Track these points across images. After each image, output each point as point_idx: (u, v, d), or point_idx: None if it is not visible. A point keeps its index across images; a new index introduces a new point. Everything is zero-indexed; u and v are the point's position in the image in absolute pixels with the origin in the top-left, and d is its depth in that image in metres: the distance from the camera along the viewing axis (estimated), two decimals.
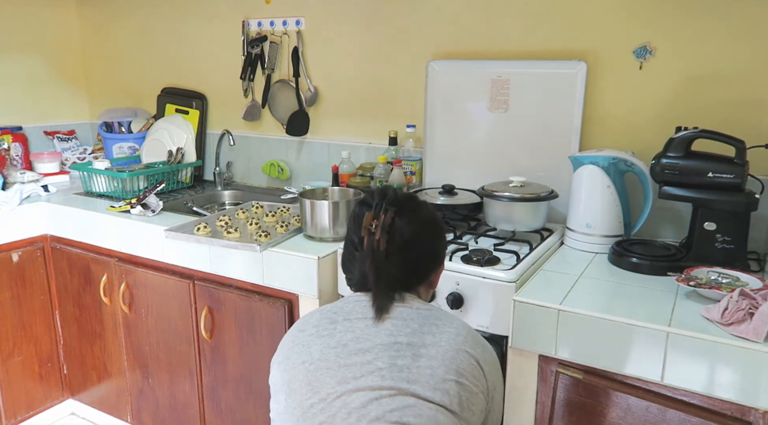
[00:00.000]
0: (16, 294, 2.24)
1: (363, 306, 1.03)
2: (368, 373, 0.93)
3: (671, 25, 1.66)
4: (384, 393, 0.91)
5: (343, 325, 1.01)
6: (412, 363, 0.94)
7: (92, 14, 2.93)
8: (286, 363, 1.01)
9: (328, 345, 0.98)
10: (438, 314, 1.04)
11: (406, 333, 0.98)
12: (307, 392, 0.95)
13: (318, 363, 0.97)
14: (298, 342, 1.02)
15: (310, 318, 1.06)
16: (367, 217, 1.02)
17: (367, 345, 0.96)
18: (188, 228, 1.85)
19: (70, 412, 2.49)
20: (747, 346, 1.09)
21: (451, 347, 0.97)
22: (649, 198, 1.62)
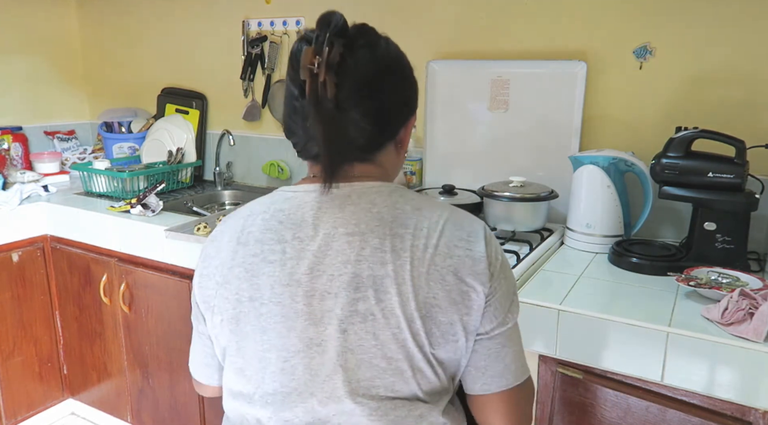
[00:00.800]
0: (16, 294, 2.24)
1: (312, 211, 0.81)
2: (330, 327, 0.77)
3: (671, 25, 1.66)
4: (349, 358, 0.77)
5: (292, 247, 0.79)
6: (376, 306, 0.76)
7: (92, 14, 2.93)
8: (228, 288, 0.82)
9: (279, 281, 0.79)
10: (404, 212, 0.81)
11: (365, 255, 0.77)
12: (261, 341, 0.80)
13: (270, 307, 0.79)
14: (239, 263, 0.82)
15: (251, 222, 0.83)
16: (306, 53, 0.77)
17: (323, 284, 0.77)
18: (188, 228, 1.86)
19: (70, 412, 2.50)
20: (747, 346, 1.09)
21: (420, 269, 0.77)
22: (649, 198, 1.62)
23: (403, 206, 0.82)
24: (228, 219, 0.89)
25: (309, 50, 0.77)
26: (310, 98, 0.77)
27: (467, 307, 0.79)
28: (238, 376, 0.83)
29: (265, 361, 0.80)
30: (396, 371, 0.77)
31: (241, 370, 0.82)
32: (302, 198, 0.83)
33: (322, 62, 0.76)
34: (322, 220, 0.80)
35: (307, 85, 0.77)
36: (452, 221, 0.82)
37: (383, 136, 0.86)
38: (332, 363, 0.77)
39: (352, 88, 0.79)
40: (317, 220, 0.80)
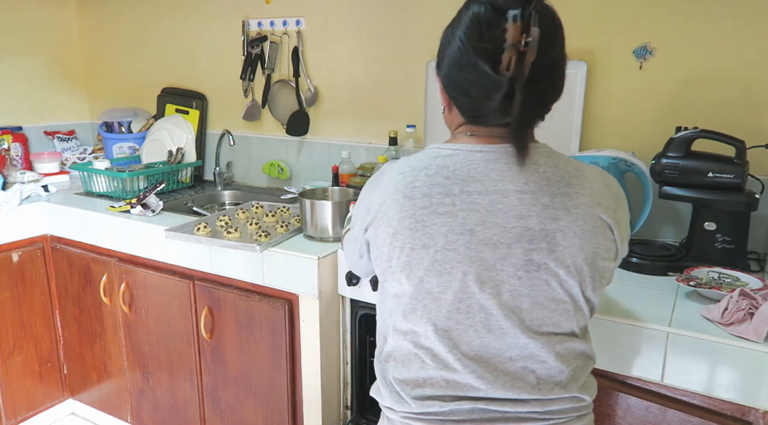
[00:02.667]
0: (16, 294, 2.24)
1: (479, 168, 0.87)
2: (503, 272, 0.85)
3: (671, 25, 1.66)
4: (524, 301, 0.86)
5: (461, 200, 0.86)
6: (548, 256, 0.85)
7: (92, 14, 2.94)
8: (400, 239, 0.88)
9: (452, 230, 0.85)
10: (567, 172, 0.89)
11: (537, 212, 0.85)
12: (438, 285, 0.87)
13: (444, 253, 0.85)
14: (409, 215, 0.87)
15: (412, 179, 0.89)
16: (514, 30, 0.79)
17: (496, 234, 0.85)
18: (188, 228, 1.85)
19: (70, 412, 2.50)
20: (747, 346, 1.09)
21: (588, 224, 0.86)
22: (649, 198, 1.62)
23: (565, 167, 0.90)
24: (384, 175, 0.94)
25: (517, 27, 0.79)
26: (516, 75, 0.80)
27: (616, 257, 0.92)
28: (411, 316, 0.90)
29: (441, 301, 0.87)
30: (563, 312, 0.88)
31: (414, 310, 0.90)
32: (466, 156, 0.89)
33: (532, 43, 0.79)
34: (491, 177, 0.87)
35: (512, 61, 0.80)
36: (607, 183, 0.92)
37: (544, 112, 0.92)
38: (508, 304, 0.86)
39: (545, 66, 0.84)
40: (486, 177, 0.87)
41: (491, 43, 0.81)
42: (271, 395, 1.81)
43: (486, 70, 0.82)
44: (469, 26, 0.85)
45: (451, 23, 0.91)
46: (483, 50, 0.83)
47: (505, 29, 0.80)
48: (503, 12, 0.81)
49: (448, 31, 0.91)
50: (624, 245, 0.93)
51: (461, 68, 0.86)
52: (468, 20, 0.85)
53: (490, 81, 0.83)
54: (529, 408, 0.89)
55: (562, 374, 0.90)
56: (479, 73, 0.84)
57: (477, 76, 0.84)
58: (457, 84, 0.88)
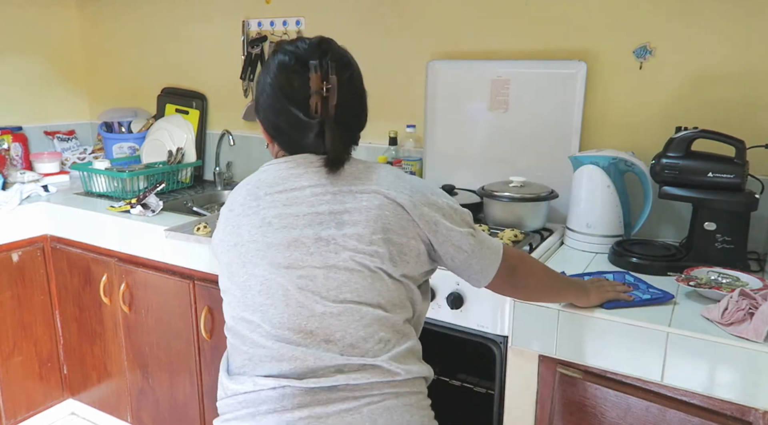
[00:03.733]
0: (16, 294, 2.24)
1: (282, 174, 1.01)
2: (297, 251, 0.96)
3: (671, 25, 1.66)
4: (317, 273, 0.95)
5: (265, 201, 1.00)
6: (337, 232, 0.96)
7: (92, 14, 2.93)
8: (223, 245, 1.04)
9: (253, 225, 0.99)
10: (358, 169, 1.02)
11: (326, 200, 0.98)
12: (243, 274, 0.99)
13: (248, 245, 0.99)
14: (229, 223, 1.04)
15: (237, 195, 1.06)
16: (315, 80, 0.95)
17: (290, 222, 0.97)
18: (188, 228, 1.86)
19: (70, 412, 2.50)
20: (747, 346, 1.09)
21: (374, 203, 0.97)
22: (649, 198, 1.62)
23: (356, 165, 1.03)
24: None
25: (317, 77, 0.95)
26: (323, 117, 0.96)
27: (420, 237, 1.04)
28: (227, 308, 1.05)
29: (246, 289, 0.99)
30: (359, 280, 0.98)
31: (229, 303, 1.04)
32: (276, 168, 1.03)
33: (332, 89, 0.95)
34: (290, 180, 1.00)
35: (319, 105, 0.96)
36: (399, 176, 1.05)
37: (359, 135, 1.08)
38: (302, 278, 0.96)
39: (347, 104, 0.99)
40: (287, 180, 1.00)
41: (299, 91, 0.97)
42: None
43: (298, 114, 0.98)
44: (278, 75, 1.00)
45: (263, 71, 1.05)
46: (293, 97, 0.98)
47: (308, 78, 0.95)
48: (305, 62, 0.97)
49: (261, 79, 1.04)
50: (446, 226, 1.01)
51: (277, 113, 1.01)
52: (276, 69, 1.00)
53: (303, 123, 0.98)
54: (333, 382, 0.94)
55: (366, 342, 0.96)
56: (292, 116, 0.98)
57: (291, 119, 0.99)
58: (275, 126, 1.03)
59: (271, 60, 1.02)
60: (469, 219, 1.07)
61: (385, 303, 0.98)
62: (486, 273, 1.07)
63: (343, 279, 0.95)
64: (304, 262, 0.96)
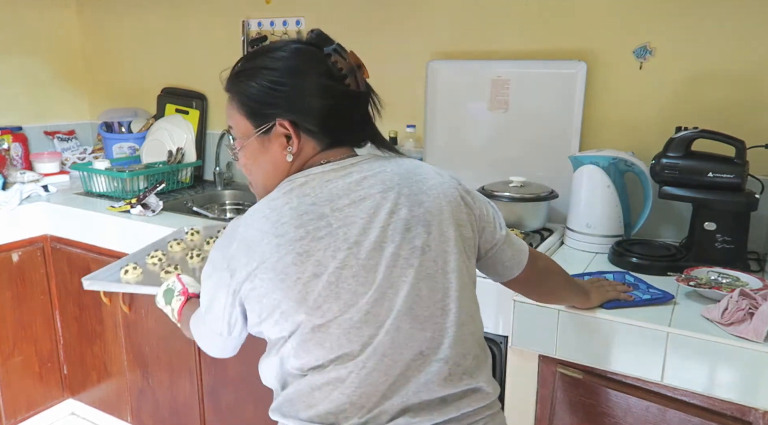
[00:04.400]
0: (16, 294, 2.24)
1: (338, 184, 0.90)
2: (395, 268, 0.87)
3: (671, 25, 1.66)
4: (420, 287, 0.87)
5: (335, 218, 0.87)
6: (428, 237, 0.89)
7: (92, 14, 2.93)
8: (289, 279, 0.84)
9: (338, 248, 0.85)
10: (406, 165, 0.98)
11: (403, 202, 0.90)
12: (336, 308, 0.84)
13: (339, 273, 0.84)
14: (288, 252, 0.84)
15: (277, 218, 0.87)
16: (341, 61, 0.93)
17: (377, 235, 0.87)
18: (113, 271, 1.52)
19: (70, 412, 2.49)
20: (747, 346, 1.09)
21: (442, 199, 0.93)
22: (649, 198, 1.62)
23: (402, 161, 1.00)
24: (238, 228, 0.90)
25: (352, 54, 0.95)
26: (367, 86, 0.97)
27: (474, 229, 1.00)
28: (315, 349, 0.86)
29: (344, 323, 0.85)
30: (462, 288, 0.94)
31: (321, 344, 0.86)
32: (321, 177, 0.91)
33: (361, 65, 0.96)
34: (352, 189, 0.90)
35: (359, 79, 0.95)
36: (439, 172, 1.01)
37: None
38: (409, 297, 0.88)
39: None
40: (348, 190, 0.90)
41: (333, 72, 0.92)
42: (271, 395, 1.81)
43: (347, 89, 0.93)
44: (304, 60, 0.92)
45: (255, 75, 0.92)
46: (333, 77, 0.92)
47: (334, 62, 0.92)
48: (320, 48, 0.93)
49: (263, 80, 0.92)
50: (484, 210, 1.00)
51: (319, 97, 0.91)
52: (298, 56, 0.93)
53: (355, 98, 0.95)
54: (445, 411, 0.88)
55: (465, 359, 0.91)
56: (340, 93, 0.93)
57: (340, 97, 0.93)
58: (320, 113, 0.92)
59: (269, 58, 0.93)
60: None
61: (474, 310, 0.95)
62: (518, 259, 1.05)
63: (443, 289, 0.89)
64: (406, 278, 0.87)
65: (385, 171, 0.94)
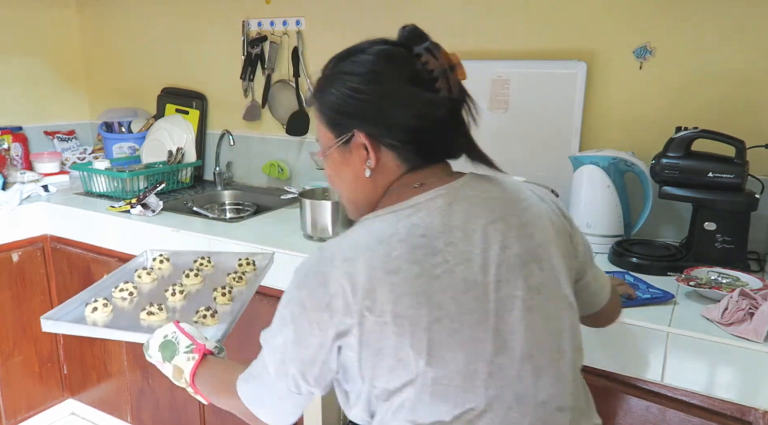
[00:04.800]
0: (16, 294, 2.24)
1: (448, 214, 0.81)
2: (513, 310, 0.79)
3: (671, 25, 1.66)
4: (539, 331, 0.81)
5: (451, 254, 0.78)
6: (541, 274, 0.82)
7: (92, 14, 2.93)
8: (404, 322, 0.75)
9: (456, 290, 0.77)
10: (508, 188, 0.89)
11: (514, 235, 0.82)
12: (465, 357, 0.76)
13: (460, 319, 0.76)
14: (405, 292, 0.75)
15: (387, 251, 0.77)
16: (433, 61, 0.82)
17: (494, 273, 0.79)
18: (76, 307, 1.23)
19: (70, 412, 2.49)
20: (747, 346, 1.09)
21: (552, 228, 0.86)
22: (649, 198, 1.62)
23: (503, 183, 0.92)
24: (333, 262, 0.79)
25: (443, 53, 0.84)
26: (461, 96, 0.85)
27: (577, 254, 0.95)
28: (440, 404, 0.77)
29: (473, 376, 0.77)
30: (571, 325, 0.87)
31: (444, 397, 0.77)
32: (428, 206, 0.82)
33: (458, 63, 0.84)
34: (461, 219, 0.81)
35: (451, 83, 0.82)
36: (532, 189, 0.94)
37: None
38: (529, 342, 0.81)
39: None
40: (458, 221, 0.81)
41: (420, 76, 0.81)
42: None
43: (432, 96, 0.81)
44: (388, 66, 0.83)
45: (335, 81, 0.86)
46: (418, 82, 0.81)
47: (424, 62, 0.81)
48: (410, 48, 0.83)
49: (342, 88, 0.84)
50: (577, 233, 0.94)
51: (401, 107, 0.81)
52: (381, 61, 0.83)
53: (438, 106, 0.81)
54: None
55: (579, 399, 0.87)
56: (425, 102, 0.81)
57: (423, 107, 0.81)
58: (403, 125, 0.82)
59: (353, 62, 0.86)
60: None
61: (581, 343, 0.88)
62: (604, 290, 0.98)
63: (556, 330, 0.83)
64: (525, 322, 0.80)
65: (491, 196, 0.85)
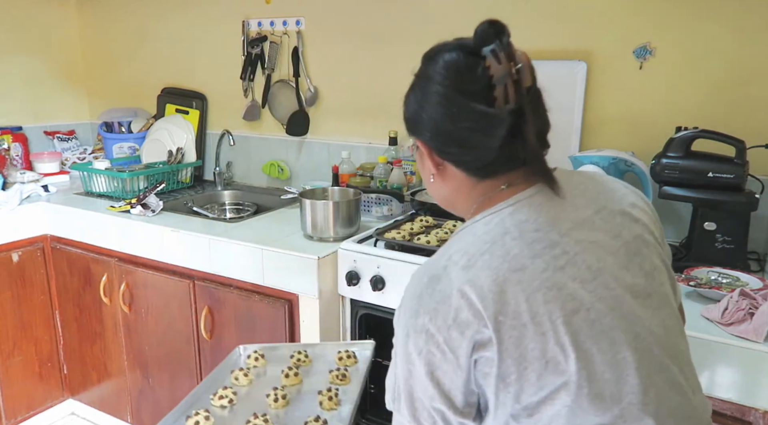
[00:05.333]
0: (16, 294, 2.24)
1: (550, 208, 0.78)
2: (642, 298, 0.76)
3: (671, 25, 1.66)
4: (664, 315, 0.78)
5: (569, 245, 0.74)
6: (651, 261, 0.79)
7: (92, 14, 2.93)
8: (543, 319, 0.70)
9: (584, 279, 0.73)
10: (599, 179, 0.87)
11: (619, 222, 0.79)
12: (608, 350, 0.71)
13: (597, 307, 0.72)
14: (535, 288, 0.71)
15: (504, 251, 0.73)
16: (495, 65, 0.76)
17: (612, 263, 0.76)
18: (176, 420, 1.25)
19: (70, 412, 2.49)
20: (747, 346, 1.09)
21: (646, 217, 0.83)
22: (649, 198, 1.62)
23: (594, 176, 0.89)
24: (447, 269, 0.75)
25: (503, 57, 0.77)
26: (519, 105, 0.75)
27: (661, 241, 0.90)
28: (598, 403, 0.71)
29: (624, 367, 0.72)
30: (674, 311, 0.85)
31: (600, 396, 0.71)
32: (529, 202, 0.79)
33: (524, 68, 0.78)
34: (566, 211, 0.79)
35: (510, 92, 0.75)
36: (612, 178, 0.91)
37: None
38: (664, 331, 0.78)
39: (537, 92, 0.83)
40: (563, 214, 0.78)
41: (478, 84, 0.77)
42: None
43: (484, 109, 0.76)
44: (447, 76, 0.80)
45: (415, 86, 0.86)
46: (473, 93, 0.77)
47: (486, 67, 0.77)
48: (477, 52, 0.79)
49: (415, 94, 0.85)
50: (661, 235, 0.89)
51: (454, 119, 0.79)
52: (442, 70, 0.81)
53: (492, 119, 0.76)
54: None
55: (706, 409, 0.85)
56: (477, 114, 0.76)
57: (475, 121, 0.77)
58: (456, 138, 0.80)
59: (429, 66, 0.85)
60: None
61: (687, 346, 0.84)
62: (678, 297, 0.91)
63: (674, 324, 0.79)
64: (650, 309, 0.76)
65: (586, 188, 0.83)
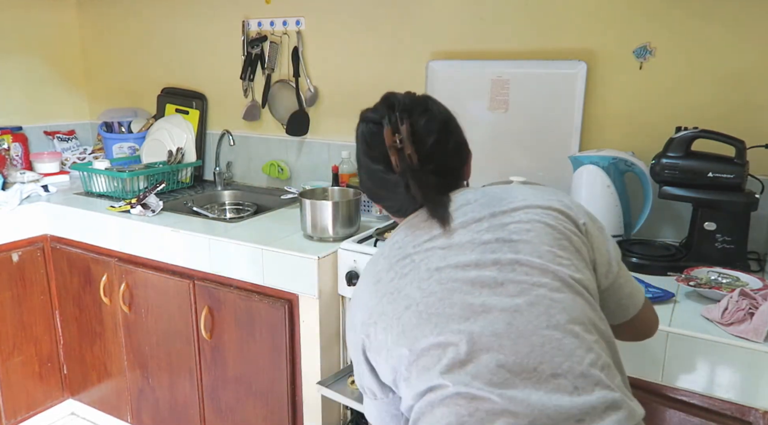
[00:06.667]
0: (16, 294, 2.24)
1: (421, 231, 0.93)
2: (482, 288, 0.84)
3: (671, 25, 1.66)
4: (518, 302, 0.83)
5: (417, 255, 0.91)
6: (515, 256, 0.86)
7: (92, 14, 2.93)
8: (384, 319, 0.88)
9: (421, 279, 0.88)
10: (493, 193, 0.95)
11: (485, 227, 0.89)
12: (433, 335, 0.83)
13: (426, 301, 0.86)
14: (383, 294, 0.90)
15: (373, 268, 0.95)
16: (387, 135, 0.92)
17: (460, 259, 0.87)
18: (341, 378, 1.60)
19: (70, 412, 2.50)
20: (747, 346, 1.09)
21: (535, 217, 0.90)
22: (649, 198, 1.62)
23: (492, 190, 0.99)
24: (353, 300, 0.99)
25: (388, 131, 0.93)
26: (403, 169, 0.92)
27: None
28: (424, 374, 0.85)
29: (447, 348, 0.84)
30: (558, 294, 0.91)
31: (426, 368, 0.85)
32: (406, 225, 0.97)
33: (404, 139, 0.92)
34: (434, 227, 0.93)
35: (395, 160, 0.92)
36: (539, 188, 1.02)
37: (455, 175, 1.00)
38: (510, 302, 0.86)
39: (427, 151, 0.94)
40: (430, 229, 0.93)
41: (378, 149, 0.94)
42: (271, 395, 1.81)
43: (383, 173, 0.95)
44: (361, 144, 0.99)
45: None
46: (374, 158, 0.96)
47: (385, 136, 0.93)
48: (380, 122, 0.95)
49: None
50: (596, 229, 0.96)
51: (370, 179, 1.00)
52: (360, 136, 1.00)
53: (389, 180, 0.94)
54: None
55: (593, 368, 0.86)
56: (380, 177, 0.96)
57: (380, 181, 0.97)
58: (372, 192, 1.02)
59: (357, 131, 1.01)
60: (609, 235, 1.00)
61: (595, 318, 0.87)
62: (635, 299, 0.98)
63: (547, 302, 0.84)
64: (498, 294, 0.84)
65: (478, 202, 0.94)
